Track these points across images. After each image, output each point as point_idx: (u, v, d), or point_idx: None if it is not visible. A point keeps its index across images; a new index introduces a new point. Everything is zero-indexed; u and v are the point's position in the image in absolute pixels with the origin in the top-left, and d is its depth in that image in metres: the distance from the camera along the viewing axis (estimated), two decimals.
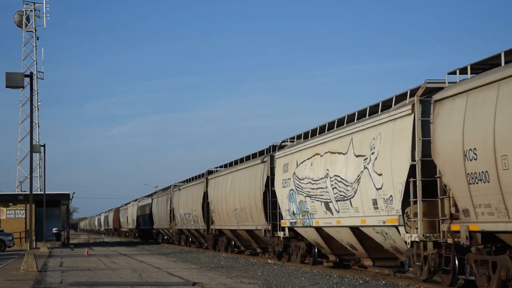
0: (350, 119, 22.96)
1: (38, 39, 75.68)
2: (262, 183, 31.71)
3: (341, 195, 22.44)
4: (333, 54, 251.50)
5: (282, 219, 29.16)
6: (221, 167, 42.86)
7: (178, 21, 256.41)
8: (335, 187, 22.86)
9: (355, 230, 22.25)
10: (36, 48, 75.32)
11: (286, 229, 28.96)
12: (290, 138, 29.56)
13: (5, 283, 20.81)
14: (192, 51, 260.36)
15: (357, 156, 21.20)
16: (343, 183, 22.24)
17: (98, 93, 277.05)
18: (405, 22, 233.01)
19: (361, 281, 19.91)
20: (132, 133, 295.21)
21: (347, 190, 21.91)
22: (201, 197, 44.57)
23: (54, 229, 58.75)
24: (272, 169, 30.62)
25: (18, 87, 30.80)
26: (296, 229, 27.79)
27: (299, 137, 28.36)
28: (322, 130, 25.37)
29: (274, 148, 31.80)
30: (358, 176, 21.05)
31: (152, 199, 68.92)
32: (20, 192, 64.47)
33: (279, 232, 30.16)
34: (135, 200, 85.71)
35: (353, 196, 21.52)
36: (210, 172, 44.40)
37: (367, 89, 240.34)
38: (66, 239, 62.92)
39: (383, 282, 19.56)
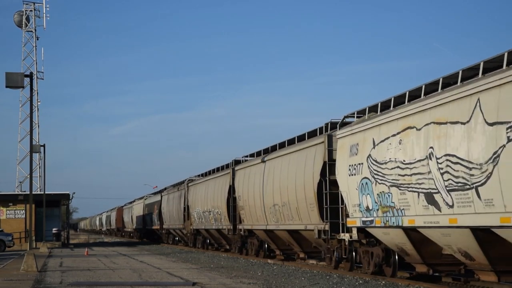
0: (466, 76, 17.12)
1: (38, 39, 75.83)
2: (315, 171, 24.86)
3: (458, 182, 16.19)
4: (333, 54, 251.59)
5: (348, 217, 22.60)
6: (251, 155, 36.45)
7: (179, 21, 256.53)
8: (446, 172, 16.62)
9: (478, 233, 16.30)
10: (36, 48, 75.41)
11: (354, 230, 22.41)
12: (358, 112, 23.18)
13: (5, 283, 20.80)
14: (193, 51, 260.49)
15: (491, 124, 15.10)
16: (463, 165, 16.01)
17: (99, 93, 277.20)
18: (405, 22, 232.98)
19: (361, 281, 19.90)
20: (132, 133, 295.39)
21: (472, 176, 15.62)
22: (225, 191, 38.10)
23: (54, 229, 58.74)
24: (330, 153, 24.08)
25: (18, 87, 30.75)
26: (370, 230, 21.33)
27: (372, 109, 22.03)
28: (414, 96, 19.29)
29: (333, 126, 25.28)
30: (496, 153, 14.92)
31: (161, 196, 62.17)
32: (20, 192, 64.48)
33: (342, 234, 23.50)
34: (141, 198, 79.39)
35: (483, 183, 15.32)
36: (237, 162, 38.11)
37: (367, 89, 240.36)
38: (66, 239, 62.91)
39: (383, 282, 19.55)
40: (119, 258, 35.90)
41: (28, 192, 41.14)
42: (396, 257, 21.06)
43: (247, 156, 37.35)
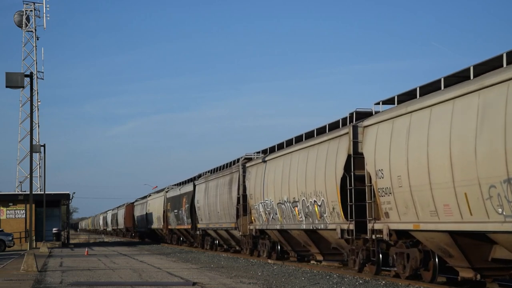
0: None
1: (38, 39, 75.77)
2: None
3: None
4: (333, 54, 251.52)
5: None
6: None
7: (179, 21, 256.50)
8: None
9: None
10: (36, 48, 75.37)
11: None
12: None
13: (5, 283, 20.80)
14: (193, 51, 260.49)
15: None
16: None
17: (99, 93, 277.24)
18: (405, 22, 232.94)
19: (361, 281, 19.90)
20: (133, 133, 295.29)
21: None
22: (341, 163, 23.22)
23: (54, 229, 58.74)
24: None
25: (18, 87, 30.72)
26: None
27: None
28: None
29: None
30: None
31: (194, 186, 47.82)
32: (20, 192, 64.45)
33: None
34: (161, 190, 66.73)
35: None
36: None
37: (367, 89, 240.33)
38: (66, 239, 62.90)
39: (383, 282, 19.56)
40: (119, 258, 35.90)
41: (28, 192, 41.14)
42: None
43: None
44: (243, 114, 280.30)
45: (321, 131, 26.49)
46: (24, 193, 59.44)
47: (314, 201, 24.97)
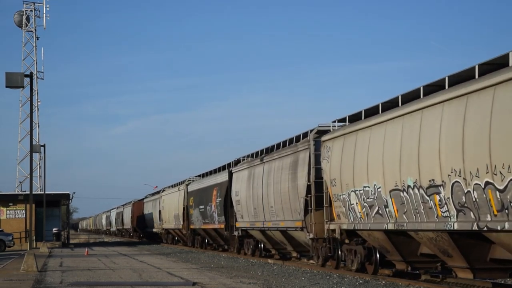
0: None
1: (38, 39, 75.81)
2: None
3: None
4: (333, 54, 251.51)
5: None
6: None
7: (179, 21, 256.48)
8: None
9: None
10: (36, 48, 75.41)
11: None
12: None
13: (5, 283, 20.80)
14: (193, 51, 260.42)
15: None
16: None
17: (99, 93, 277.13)
18: (405, 22, 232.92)
19: (361, 281, 19.90)
20: (133, 133, 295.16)
21: None
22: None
23: (54, 229, 58.75)
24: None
25: (18, 87, 30.78)
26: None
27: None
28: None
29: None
30: None
31: (230, 174, 37.38)
32: (20, 192, 64.49)
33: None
34: (182, 182, 54.17)
35: None
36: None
37: (367, 89, 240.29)
38: (66, 239, 62.92)
39: (383, 282, 19.56)
40: (119, 258, 35.90)
41: (28, 192, 41.15)
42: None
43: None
44: (243, 114, 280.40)
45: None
46: (24, 193, 59.45)
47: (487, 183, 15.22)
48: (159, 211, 62.18)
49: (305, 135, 27.38)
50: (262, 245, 34.85)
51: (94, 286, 19.33)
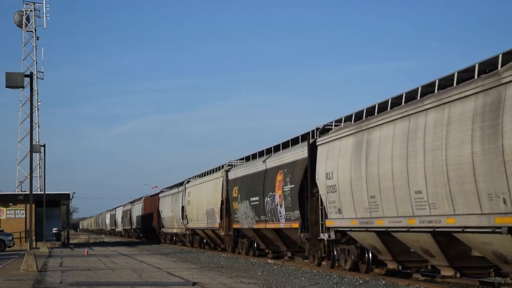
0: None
1: (38, 39, 75.80)
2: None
3: None
4: (333, 54, 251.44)
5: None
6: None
7: (179, 21, 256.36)
8: None
9: None
10: (36, 48, 75.40)
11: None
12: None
13: (5, 283, 20.80)
14: (193, 51, 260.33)
15: None
16: None
17: (99, 93, 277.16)
18: (405, 22, 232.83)
19: (361, 281, 19.90)
20: (132, 133, 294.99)
21: None
22: None
23: (54, 229, 58.77)
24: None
25: (18, 87, 30.74)
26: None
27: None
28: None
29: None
30: None
31: (314, 147, 25.90)
32: (20, 192, 64.49)
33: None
34: (218, 169, 42.32)
35: None
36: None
37: (367, 89, 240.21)
38: (66, 239, 62.92)
39: (383, 282, 19.56)
40: (119, 258, 35.90)
41: (28, 192, 41.15)
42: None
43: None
44: (243, 114, 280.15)
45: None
46: (24, 193, 59.44)
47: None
48: (182, 208, 50.67)
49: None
50: (369, 255, 22.81)
51: (94, 286, 19.33)
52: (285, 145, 30.99)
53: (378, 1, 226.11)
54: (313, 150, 25.78)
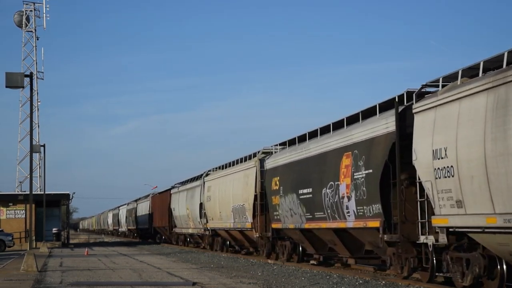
0: None
1: (38, 39, 75.79)
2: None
3: None
4: (333, 54, 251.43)
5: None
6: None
7: (179, 21, 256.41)
8: None
9: None
10: (36, 48, 75.39)
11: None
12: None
13: (5, 283, 20.80)
14: (193, 51, 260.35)
15: None
16: None
17: (99, 93, 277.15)
18: (405, 22, 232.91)
19: (361, 281, 19.89)
20: (132, 133, 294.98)
21: None
22: None
23: (54, 229, 58.78)
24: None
25: (18, 87, 30.72)
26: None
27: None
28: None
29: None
30: None
31: (402, 114, 19.45)
32: (20, 192, 64.49)
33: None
34: (249, 158, 35.48)
35: None
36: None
37: (367, 89, 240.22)
38: (66, 239, 62.93)
39: (383, 282, 19.54)
40: (119, 258, 35.90)
41: (28, 192, 41.15)
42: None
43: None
44: (243, 114, 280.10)
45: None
46: (24, 193, 59.45)
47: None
48: (200, 205, 44.19)
49: None
50: (503, 268, 16.29)
51: (94, 286, 19.33)
52: (351, 120, 23.21)
53: (378, 1, 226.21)
54: (402, 121, 19.42)
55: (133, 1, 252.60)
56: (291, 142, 29.40)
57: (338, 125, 24.14)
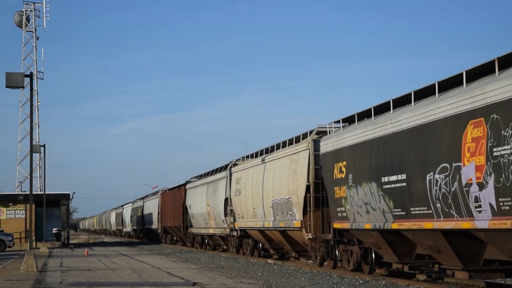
0: None
1: (38, 39, 75.77)
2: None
3: None
4: (333, 54, 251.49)
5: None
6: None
7: (180, 21, 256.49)
8: None
9: None
10: (36, 48, 75.35)
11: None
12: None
13: (5, 283, 20.80)
14: (194, 51, 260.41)
15: None
16: None
17: (99, 93, 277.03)
18: (405, 22, 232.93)
19: (361, 281, 19.89)
20: (133, 133, 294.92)
21: None
22: None
23: (54, 229, 58.76)
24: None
25: (18, 87, 30.74)
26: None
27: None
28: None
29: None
30: None
31: None
32: (20, 192, 64.48)
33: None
34: (298, 139, 28.53)
35: None
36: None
37: (367, 89, 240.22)
38: (66, 239, 62.94)
39: (383, 282, 19.54)
40: (119, 258, 35.90)
41: (28, 192, 41.15)
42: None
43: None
44: (243, 114, 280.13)
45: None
46: (24, 193, 59.44)
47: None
48: (226, 200, 38.55)
49: None
50: None
51: (94, 286, 19.33)
52: (472, 76, 16.91)
53: (378, 1, 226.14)
54: None
55: (133, 1, 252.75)
56: (362, 116, 22.73)
57: (448, 84, 17.97)
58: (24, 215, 56.70)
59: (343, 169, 22.72)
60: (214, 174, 42.55)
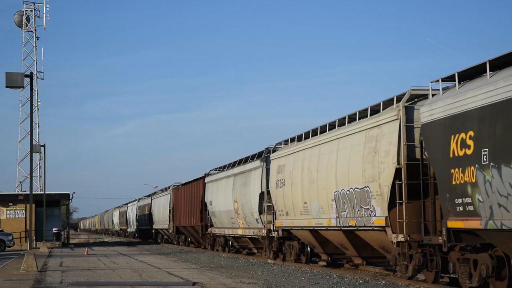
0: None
1: (38, 39, 75.80)
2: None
3: None
4: (333, 54, 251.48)
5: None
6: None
7: (179, 21, 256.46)
8: None
9: None
10: (36, 48, 75.39)
11: None
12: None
13: (5, 283, 20.80)
14: (194, 51, 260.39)
15: None
16: None
17: (99, 93, 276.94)
18: (405, 22, 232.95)
19: (361, 281, 19.89)
20: (133, 133, 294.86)
21: None
22: None
23: (54, 229, 58.76)
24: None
25: (18, 87, 30.77)
26: None
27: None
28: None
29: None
30: None
31: None
32: (20, 192, 64.47)
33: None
34: (383, 105, 20.94)
35: None
36: None
37: (367, 89, 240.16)
38: (66, 239, 62.94)
39: (383, 282, 19.54)
40: (119, 258, 35.90)
41: (28, 192, 41.15)
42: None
43: None
44: (243, 114, 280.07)
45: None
46: (24, 193, 59.44)
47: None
48: (261, 194, 32.20)
49: None
50: None
51: (94, 286, 19.33)
52: None
53: (378, 1, 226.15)
54: None
55: (133, 1, 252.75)
56: (495, 66, 15.58)
57: None
58: (24, 215, 56.71)
59: (469, 142, 15.51)
60: (244, 164, 35.44)
